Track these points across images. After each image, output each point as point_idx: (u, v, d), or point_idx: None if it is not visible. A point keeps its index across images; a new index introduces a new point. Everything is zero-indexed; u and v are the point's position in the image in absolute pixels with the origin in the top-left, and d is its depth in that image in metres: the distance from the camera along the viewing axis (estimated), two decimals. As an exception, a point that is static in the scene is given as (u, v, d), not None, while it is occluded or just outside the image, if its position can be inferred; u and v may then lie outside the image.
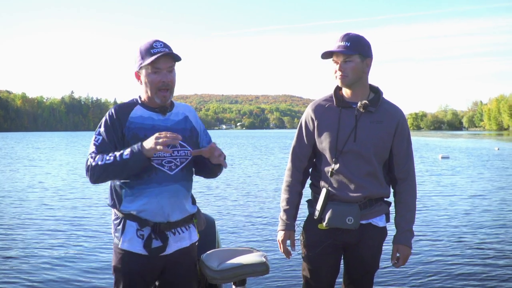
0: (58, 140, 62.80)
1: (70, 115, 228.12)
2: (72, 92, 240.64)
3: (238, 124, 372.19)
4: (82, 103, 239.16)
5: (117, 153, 2.13)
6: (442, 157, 23.45)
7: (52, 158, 26.62)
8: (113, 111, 2.27)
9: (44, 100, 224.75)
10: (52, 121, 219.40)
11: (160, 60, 2.20)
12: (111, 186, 2.31)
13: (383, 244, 2.56)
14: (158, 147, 2.04)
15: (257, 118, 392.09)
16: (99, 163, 2.13)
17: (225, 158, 2.28)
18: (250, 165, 20.30)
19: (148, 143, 2.08)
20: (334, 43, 2.40)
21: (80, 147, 41.51)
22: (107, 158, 2.13)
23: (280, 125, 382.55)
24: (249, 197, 10.87)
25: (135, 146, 2.11)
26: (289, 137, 76.74)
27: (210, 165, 2.30)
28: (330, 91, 2.54)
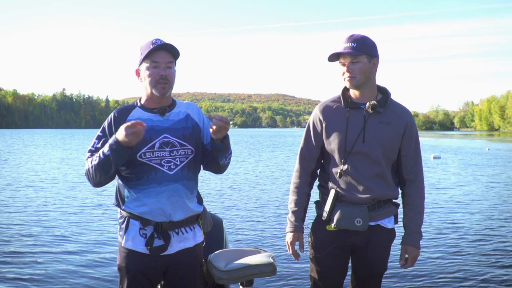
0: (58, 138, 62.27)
1: (61, 112, 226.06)
2: (64, 89, 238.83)
3: (231, 122, 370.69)
4: (74, 100, 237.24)
5: (100, 152, 2.16)
6: (434, 157, 23.56)
7: (58, 155, 26.38)
8: (112, 116, 2.31)
9: (36, 97, 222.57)
10: (43, 118, 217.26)
11: (159, 54, 2.22)
12: (116, 186, 2.34)
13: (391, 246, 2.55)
14: (128, 138, 2.05)
15: (250, 117, 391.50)
16: (89, 165, 2.19)
17: (225, 136, 2.23)
18: (257, 165, 20.13)
19: (120, 135, 2.08)
20: (340, 45, 2.39)
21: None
22: (94, 159, 2.17)
23: (272, 124, 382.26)
24: (257, 197, 10.78)
25: (111, 140, 2.12)
26: (282, 136, 76.78)
27: (213, 152, 2.26)
28: (323, 91, 2.60)
